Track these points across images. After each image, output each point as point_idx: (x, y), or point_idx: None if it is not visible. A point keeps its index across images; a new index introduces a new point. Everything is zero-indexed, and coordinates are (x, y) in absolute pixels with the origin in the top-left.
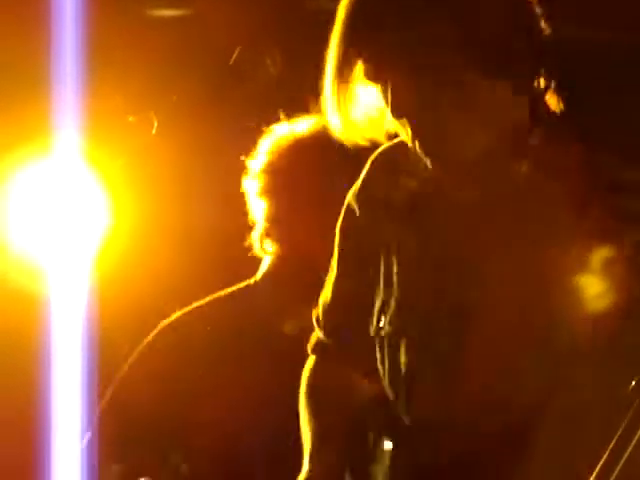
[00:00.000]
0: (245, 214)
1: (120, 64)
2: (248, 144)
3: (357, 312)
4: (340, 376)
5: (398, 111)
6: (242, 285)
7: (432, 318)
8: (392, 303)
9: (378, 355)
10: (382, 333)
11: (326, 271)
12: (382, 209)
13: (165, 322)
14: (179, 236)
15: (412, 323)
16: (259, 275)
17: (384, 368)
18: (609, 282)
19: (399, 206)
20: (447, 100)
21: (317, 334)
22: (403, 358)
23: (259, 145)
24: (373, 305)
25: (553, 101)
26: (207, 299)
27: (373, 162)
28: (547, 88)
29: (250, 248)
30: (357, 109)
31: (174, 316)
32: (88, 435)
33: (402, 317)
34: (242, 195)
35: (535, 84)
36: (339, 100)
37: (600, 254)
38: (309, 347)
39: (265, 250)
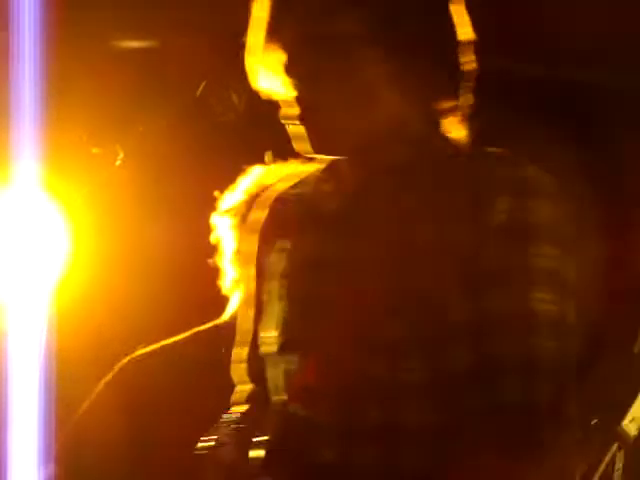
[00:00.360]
0: (208, 247)
1: (85, 95)
2: (212, 177)
3: None
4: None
5: (289, 76)
6: (209, 325)
7: (310, 325)
8: (276, 320)
9: (269, 374)
10: (269, 350)
11: None
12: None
13: (128, 358)
14: (141, 268)
15: (295, 334)
16: (227, 316)
17: (274, 384)
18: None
19: (285, 233)
20: (339, 78)
21: (243, 385)
22: (291, 364)
23: (236, 185)
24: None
25: (458, 126)
26: (172, 339)
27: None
28: (453, 110)
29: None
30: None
31: (137, 352)
32: (47, 471)
33: (285, 331)
34: (205, 228)
35: (441, 101)
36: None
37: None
38: (234, 399)
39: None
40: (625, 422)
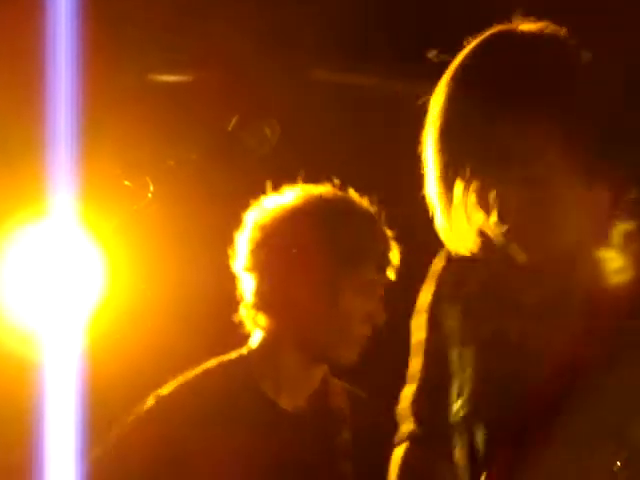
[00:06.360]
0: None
1: (118, 127)
2: (243, 211)
3: (443, 399)
4: (431, 462)
5: (504, 220)
6: (234, 355)
7: (502, 402)
8: (465, 388)
9: (457, 441)
10: (457, 418)
11: (322, 345)
12: (456, 310)
13: (159, 392)
14: (173, 299)
15: (484, 407)
16: (253, 345)
17: (461, 453)
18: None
19: (471, 302)
20: (547, 205)
21: (407, 425)
22: (479, 443)
23: (246, 218)
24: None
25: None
26: (200, 369)
27: (442, 273)
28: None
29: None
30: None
31: (168, 387)
32: None
33: (475, 402)
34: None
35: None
36: (444, 211)
37: None
38: (397, 438)
39: (256, 324)
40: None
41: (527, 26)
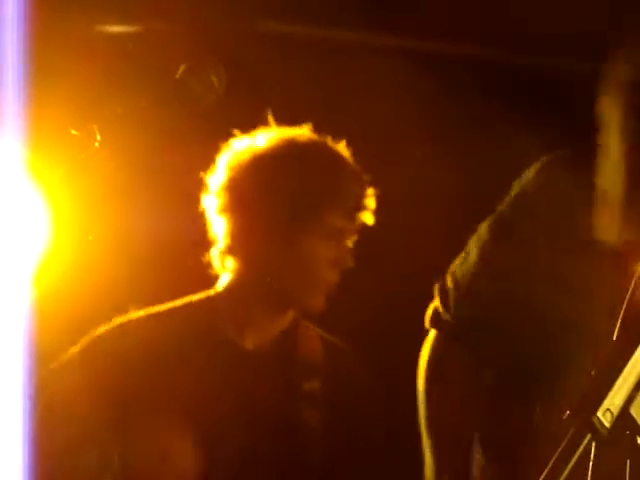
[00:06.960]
0: (187, 227)
1: (65, 77)
2: (191, 159)
3: (491, 308)
4: (460, 360)
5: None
6: (202, 295)
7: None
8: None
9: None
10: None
11: (286, 289)
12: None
13: (117, 325)
14: (121, 248)
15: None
16: (220, 287)
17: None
18: None
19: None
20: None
21: (437, 305)
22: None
23: (218, 161)
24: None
25: None
26: (165, 305)
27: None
28: None
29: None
30: None
31: (127, 319)
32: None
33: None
34: (185, 208)
35: None
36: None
37: None
38: (427, 318)
39: (225, 267)
40: (599, 413)
41: None
